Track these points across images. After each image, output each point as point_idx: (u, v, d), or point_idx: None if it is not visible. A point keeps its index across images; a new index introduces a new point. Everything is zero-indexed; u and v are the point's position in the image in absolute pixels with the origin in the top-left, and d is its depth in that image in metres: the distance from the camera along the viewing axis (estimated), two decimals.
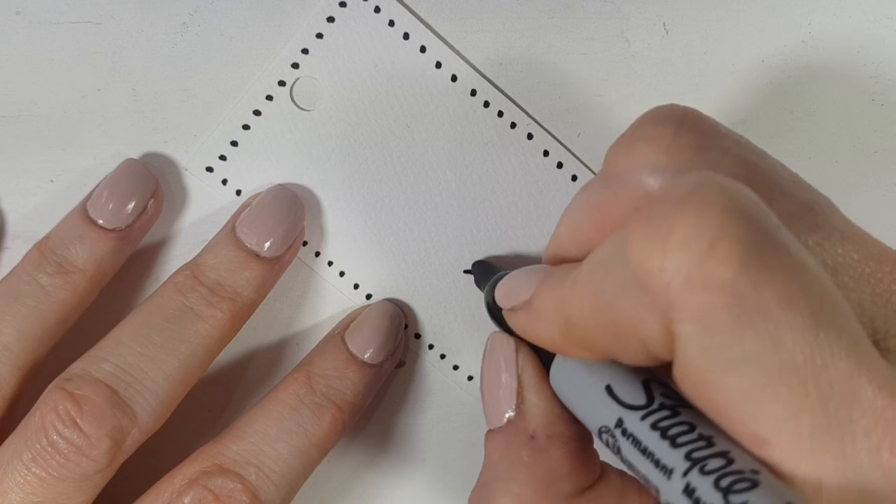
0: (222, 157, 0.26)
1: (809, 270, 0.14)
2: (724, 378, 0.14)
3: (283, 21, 0.25)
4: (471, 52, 0.26)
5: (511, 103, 0.26)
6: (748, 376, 0.13)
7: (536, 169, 0.27)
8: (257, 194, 0.26)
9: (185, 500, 0.23)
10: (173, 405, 0.24)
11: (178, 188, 0.27)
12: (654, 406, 0.16)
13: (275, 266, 0.25)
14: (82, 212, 0.25)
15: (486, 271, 0.26)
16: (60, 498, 0.22)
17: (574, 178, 0.27)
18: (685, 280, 0.14)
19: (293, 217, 0.26)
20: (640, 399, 0.17)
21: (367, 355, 0.26)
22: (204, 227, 0.27)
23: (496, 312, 0.21)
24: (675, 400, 0.16)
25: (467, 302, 0.28)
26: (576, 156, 0.27)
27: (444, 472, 0.29)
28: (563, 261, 0.19)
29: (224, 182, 0.27)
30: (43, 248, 0.24)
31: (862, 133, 0.28)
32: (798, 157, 0.28)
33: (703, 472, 0.14)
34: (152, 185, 0.26)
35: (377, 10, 0.25)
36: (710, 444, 0.15)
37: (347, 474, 0.29)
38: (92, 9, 0.25)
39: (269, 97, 0.26)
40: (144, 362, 0.23)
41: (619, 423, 0.17)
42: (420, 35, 0.26)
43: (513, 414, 0.20)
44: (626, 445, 0.16)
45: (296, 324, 0.28)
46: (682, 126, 0.17)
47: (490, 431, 0.21)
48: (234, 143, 0.26)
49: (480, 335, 0.28)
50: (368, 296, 0.28)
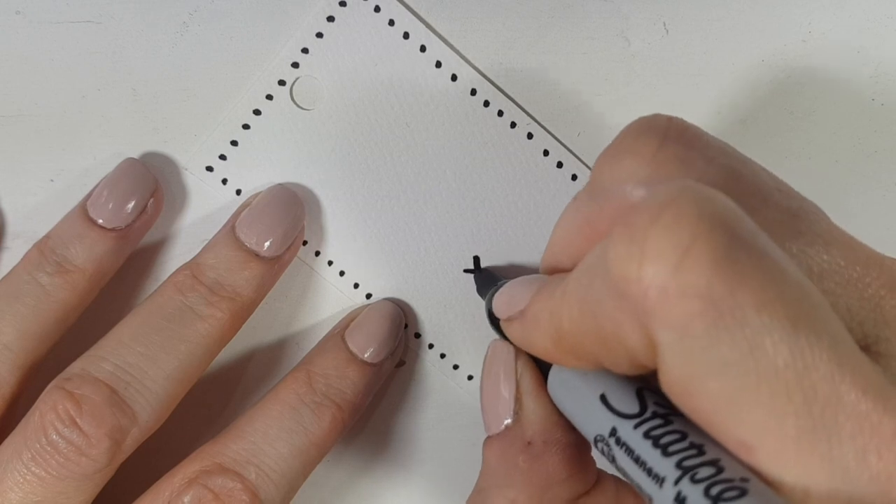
0: (222, 157, 0.26)
1: (787, 274, 0.14)
2: (705, 384, 0.14)
3: (283, 21, 0.25)
4: (471, 52, 0.26)
5: (511, 103, 0.26)
6: (729, 382, 0.13)
7: (536, 168, 0.27)
8: (257, 194, 0.26)
9: (185, 500, 0.23)
10: (173, 405, 0.24)
11: (178, 188, 0.27)
12: (648, 414, 0.16)
13: (274, 266, 0.25)
14: (82, 211, 0.25)
15: (487, 280, 0.26)
16: (60, 497, 0.22)
17: (574, 177, 0.27)
18: (661, 288, 0.14)
19: (293, 217, 0.26)
20: (633, 408, 0.17)
21: (367, 354, 0.26)
22: (204, 226, 0.27)
23: (496, 322, 0.21)
24: (667, 408, 0.16)
25: (467, 301, 0.28)
26: (576, 155, 0.27)
27: (444, 472, 0.29)
28: (557, 271, 0.20)
29: (224, 181, 0.27)
30: (43, 248, 0.24)
31: (862, 133, 0.28)
32: (798, 157, 0.28)
33: (694, 481, 0.14)
34: (152, 184, 0.26)
35: (377, 9, 0.25)
36: (701, 452, 0.15)
37: (347, 473, 0.29)
38: (92, 9, 0.25)
39: (269, 97, 0.26)
40: (144, 362, 0.23)
41: (614, 432, 0.17)
42: (420, 34, 0.26)
43: (511, 421, 0.20)
44: (619, 454, 0.16)
45: (296, 323, 0.28)
46: (667, 137, 0.17)
47: (488, 438, 0.21)
48: (234, 143, 0.26)
49: (480, 335, 0.28)
50: (368, 295, 0.28)
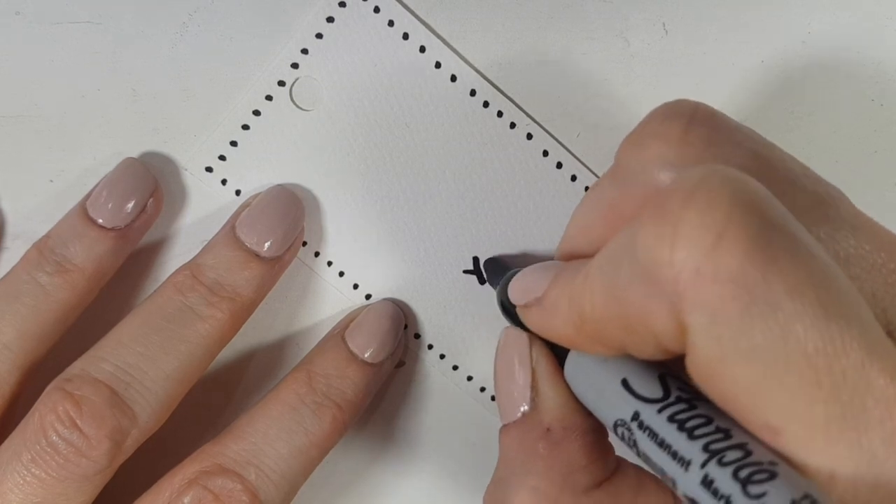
0: (222, 158, 0.26)
1: (818, 259, 0.14)
2: (735, 368, 0.14)
3: (283, 21, 0.25)
4: (470, 53, 0.26)
5: (510, 103, 0.26)
6: (759, 366, 0.13)
7: (536, 169, 0.27)
8: (257, 194, 0.26)
9: (185, 500, 0.23)
10: (173, 405, 0.24)
11: (178, 188, 0.27)
12: (671, 399, 0.16)
13: (274, 266, 0.25)
14: (82, 211, 0.25)
15: (498, 269, 0.26)
16: (60, 499, 0.22)
17: (573, 178, 0.27)
18: (694, 272, 0.14)
19: (293, 217, 0.26)
20: (656, 392, 0.17)
21: (367, 355, 0.26)
22: (204, 227, 0.27)
23: (510, 310, 0.21)
24: (691, 393, 0.16)
25: (467, 302, 0.28)
26: (575, 156, 0.27)
27: (444, 473, 0.29)
28: (575, 257, 0.19)
29: (224, 182, 0.27)
30: (42, 248, 0.24)
31: (862, 133, 0.28)
32: (798, 157, 0.28)
33: (721, 464, 0.14)
34: (152, 184, 0.26)
35: (377, 10, 0.25)
36: (728, 436, 0.15)
37: (347, 474, 0.29)
38: (92, 9, 0.25)
39: (269, 97, 0.26)
40: (144, 362, 0.23)
41: (636, 417, 0.17)
42: (420, 35, 0.26)
43: (527, 408, 0.20)
44: (642, 438, 0.16)
45: (295, 324, 0.28)
46: (693, 121, 0.17)
47: (504, 426, 0.20)
48: (233, 143, 0.26)
49: (480, 335, 0.28)
50: (368, 296, 0.28)
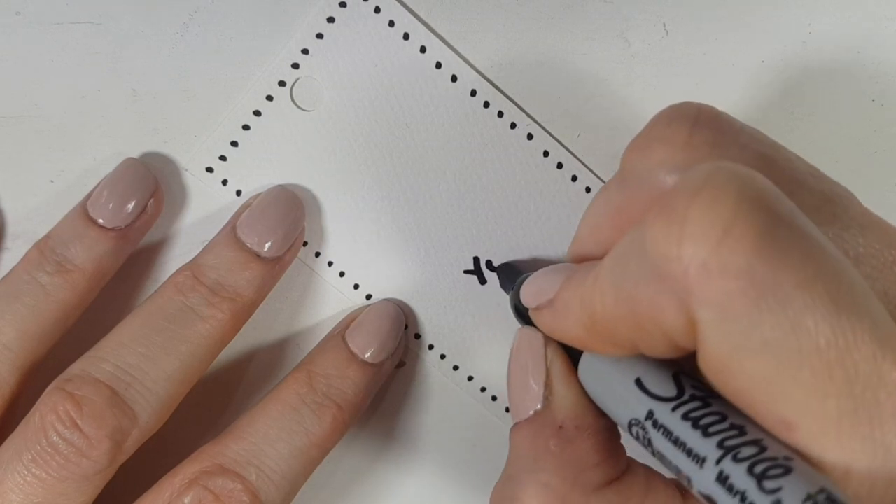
0: (222, 158, 0.26)
1: (827, 253, 0.14)
2: (746, 363, 0.14)
3: (283, 21, 0.25)
4: (471, 53, 0.26)
5: (511, 104, 0.26)
6: (770, 361, 0.13)
7: (536, 169, 0.27)
8: (257, 195, 0.26)
9: (186, 500, 0.23)
10: (173, 405, 0.24)
11: (178, 188, 0.27)
12: (685, 397, 0.16)
13: (275, 266, 0.25)
14: (82, 211, 0.25)
15: (511, 274, 0.26)
16: (60, 499, 0.22)
17: (574, 178, 0.27)
18: (702, 267, 0.14)
19: (293, 217, 0.26)
20: (670, 391, 0.17)
21: (367, 355, 0.26)
22: (204, 227, 0.27)
23: (524, 314, 0.21)
24: (705, 391, 0.16)
25: (468, 302, 0.28)
26: (576, 156, 0.27)
27: (445, 473, 0.29)
28: (585, 260, 0.20)
29: (224, 182, 0.27)
30: (42, 248, 0.24)
31: (862, 133, 0.28)
32: None
33: (737, 460, 0.14)
34: (152, 184, 0.26)
35: (377, 10, 0.25)
36: (743, 432, 0.15)
37: (348, 474, 0.29)
38: (92, 9, 0.25)
39: (269, 97, 0.26)
40: (145, 363, 0.23)
41: (650, 416, 0.17)
42: (420, 35, 0.26)
43: (540, 406, 0.20)
44: (657, 437, 0.16)
45: (296, 324, 0.28)
46: (698, 124, 0.17)
47: (516, 425, 0.21)
48: (234, 144, 0.26)
49: (481, 336, 0.28)
50: (368, 296, 0.28)
